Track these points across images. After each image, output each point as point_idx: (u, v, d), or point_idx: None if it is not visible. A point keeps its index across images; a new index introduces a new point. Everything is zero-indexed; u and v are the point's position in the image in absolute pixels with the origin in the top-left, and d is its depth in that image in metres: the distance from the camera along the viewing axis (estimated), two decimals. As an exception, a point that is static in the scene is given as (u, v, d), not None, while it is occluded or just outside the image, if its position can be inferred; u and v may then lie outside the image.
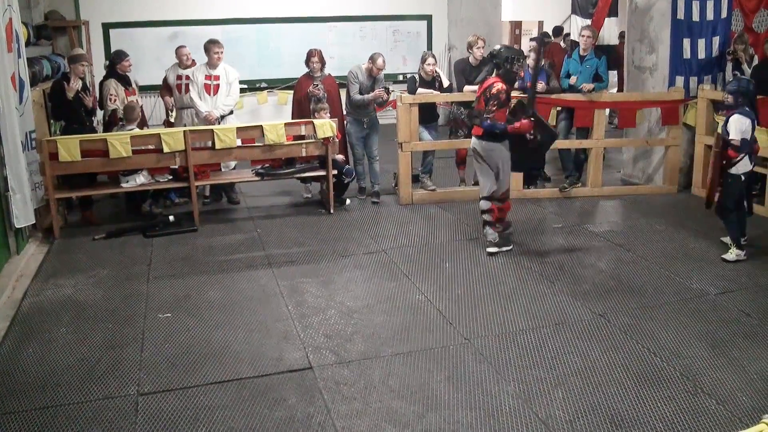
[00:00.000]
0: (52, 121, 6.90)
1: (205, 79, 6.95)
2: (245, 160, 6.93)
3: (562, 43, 11.20)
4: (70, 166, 6.07)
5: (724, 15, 7.44)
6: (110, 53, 9.24)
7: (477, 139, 5.67)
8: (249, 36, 11.32)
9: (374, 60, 7.03)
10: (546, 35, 12.48)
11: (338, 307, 4.65)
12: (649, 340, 4.12)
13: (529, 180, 7.53)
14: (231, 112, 7.18)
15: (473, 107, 5.95)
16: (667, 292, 4.85)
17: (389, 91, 7.10)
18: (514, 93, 6.97)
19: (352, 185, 7.29)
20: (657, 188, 7.58)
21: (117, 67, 7.21)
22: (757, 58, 7.29)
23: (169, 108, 7.85)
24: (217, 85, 6.98)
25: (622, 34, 9.89)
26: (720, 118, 6.89)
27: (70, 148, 5.96)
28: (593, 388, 3.60)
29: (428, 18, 12.17)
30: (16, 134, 5.48)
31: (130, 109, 6.65)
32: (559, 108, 7.30)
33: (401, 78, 11.15)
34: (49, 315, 4.59)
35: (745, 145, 5.22)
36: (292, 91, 7.95)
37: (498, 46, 5.89)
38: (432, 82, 7.19)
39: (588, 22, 9.36)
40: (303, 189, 7.56)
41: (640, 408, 3.41)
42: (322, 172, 6.79)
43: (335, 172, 6.81)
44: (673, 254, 5.58)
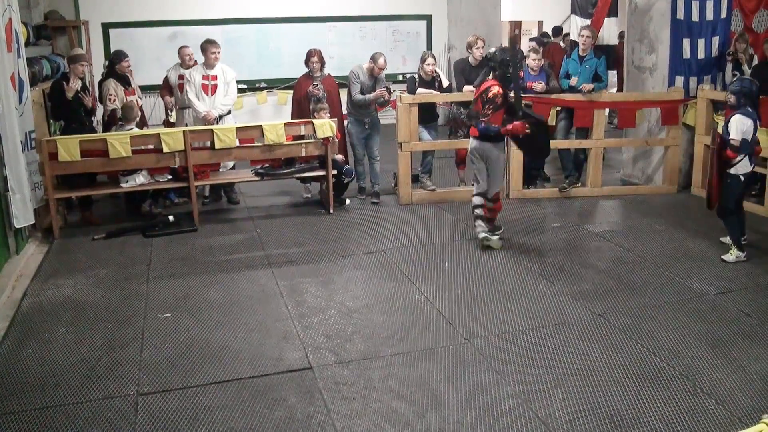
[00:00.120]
0: (52, 121, 6.90)
1: (203, 79, 6.95)
2: (245, 160, 6.93)
3: (562, 43, 11.20)
4: (69, 166, 6.07)
5: (724, 15, 7.45)
6: (110, 53, 9.25)
7: (473, 139, 5.83)
8: (249, 36, 11.33)
9: (375, 60, 7.03)
10: (545, 35, 12.50)
11: (338, 307, 4.65)
12: (648, 340, 4.12)
13: (528, 180, 7.54)
14: (229, 112, 7.19)
15: (471, 108, 6.03)
16: (666, 292, 4.85)
17: (391, 91, 7.10)
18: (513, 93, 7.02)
19: (351, 185, 7.29)
20: (656, 188, 7.58)
21: (116, 67, 7.22)
22: (756, 58, 7.30)
23: (169, 108, 7.85)
24: (215, 85, 6.99)
25: (622, 34, 9.88)
26: (719, 118, 6.89)
27: (69, 148, 5.96)
28: (593, 388, 3.60)
29: (428, 18, 12.18)
30: (16, 134, 5.48)
31: (128, 109, 6.65)
32: (558, 108, 7.30)
33: (401, 78, 11.16)
34: (48, 315, 4.59)
35: (745, 145, 5.19)
36: (292, 91, 7.94)
37: (493, 49, 5.92)
38: (431, 82, 7.19)
39: (587, 22, 9.36)
40: (303, 189, 7.56)
41: (639, 408, 3.41)
42: (321, 172, 6.79)
43: (335, 172, 6.80)
44: (672, 254, 5.58)
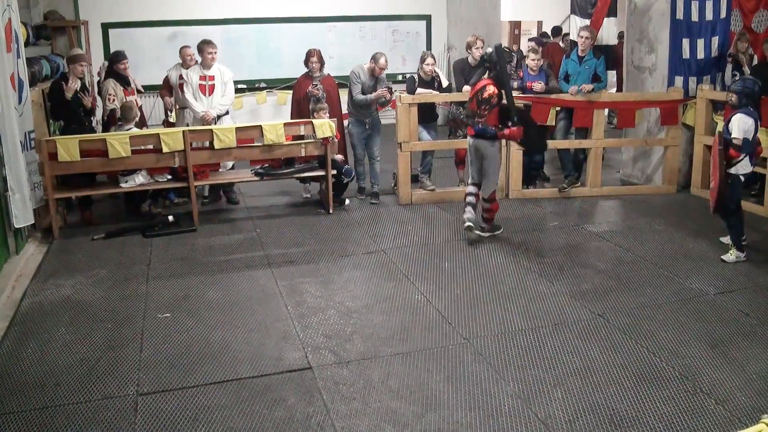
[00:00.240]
0: (51, 121, 6.90)
1: (200, 79, 6.97)
2: (244, 160, 6.93)
3: (561, 43, 11.21)
4: (69, 166, 6.07)
5: (723, 15, 7.45)
6: (109, 53, 9.25)
7: (469, 137, 5.98)
8: (248, 36, 11.33)
9: (376, 60, 7.03)
10: (545, 35, 12.51)
11: (337, 307, 4.65)
12: (648, 340, 4.12)
13: (528, 180, 7.55)
14: (227, 112, 7.20)
15: (467, 107, 6.10)
16: (666, 292, 4.85)
17: (392, 91, 7.09)
18: (513, 93, 7.01)
19: (351, 185, 7.29)
20: (656, 188, 7.58)
21: (115, 67, 7.22)
22: (756, 58, 7.30)
23: (168, 108, 7.85)
24: (212, 85, 7.00)
25: (621, 34, 9.89)
26: (719, 118, 6.89)
27: (69, 148, 5.96)
28: (592, 388, 3.60)
29: (427, 18, 12.18)
30: (15, 134, 5.48)
31: (127, 109, 6.65)
32: (558, 108, 7.30)
33: (400, 78, 11.16)
34: (48, 315, 4.59)
35: (746, 145, 5.17)
36: (292, 91, 7.95)
37: (489, 49, 5.94)
38: (431, 82, 7.19)
39: (587, 22, 9.36)
40: (302, 189, 7.56)
41: (639, 408, 3.41)
42: (321, 172, 6.79)
43: (334, 172, 6.80)
44: (672, 254, 5.58)
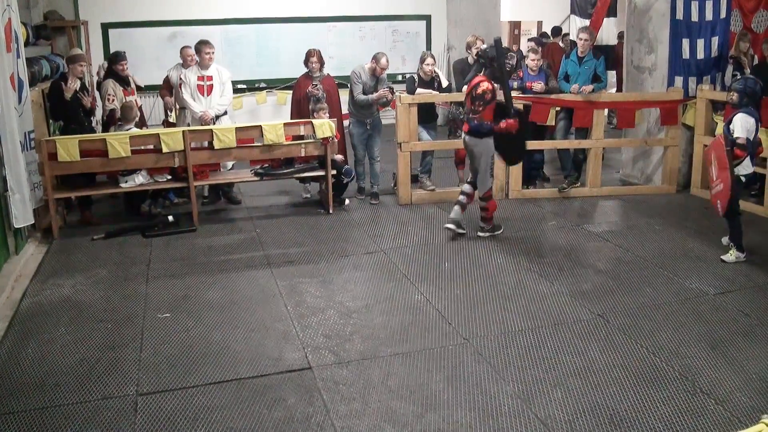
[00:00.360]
0: (51, 121, 6.90)
1: (198, 80, 6.97)
2: (244, 160, 6.93)
3: (561, 43, 11.22)
4: (69, 166, 6.07)
5: (723, 15, 7.45)
6: (109, 53, 9.26)
7: (464, 134, 6.01)
8: (248, 36, 11.33)
9: (378, 60, 7.03)
10: (544, 35, 12.51)
11: (337, 308, 4.65)
12: (648, 340, 4.12)
13: (528, 180, 7.55)
14: (225, 112, 7.20)
15: (464, 106, 6.13)
16: (665, 292, 4.85)
17: (393, 91, 7.10)
18: (513, 93, 7.02)
19: (351, 185, 7.30)
20: (656, 188, 7.59)
21: (114, 67, 7.22)
22: (756, 59, 7.30)
23: (168, 108, 7.85)
24: (210, 85, 7.01)
25: (621, 34, 9.90)
26: (718, 118, 6.89)
27: (69, 148, 5.96)
28: (592, 388, 3.60)
29: (427, 18, 12.18)
30: (15, 134, 5.48)
31: (127, 109, 6.65)
32: (558, 108, 7.30)
33: (400, 78, 11.16)
34: (48, 315, 4.59)
35: (748, 145, 5.15)
36: (291, 91, 7.95)
37: (484, 46, 5.96)
38: (431, 83, 7.19)
39: (587, 23, 9.37)
40: (302, 189, 7.56)
41: (639, 408, 3.41)
42: (321, 172, 6.79)
43: (334, 172, 6.81)
44: (672, 254, 5.58)
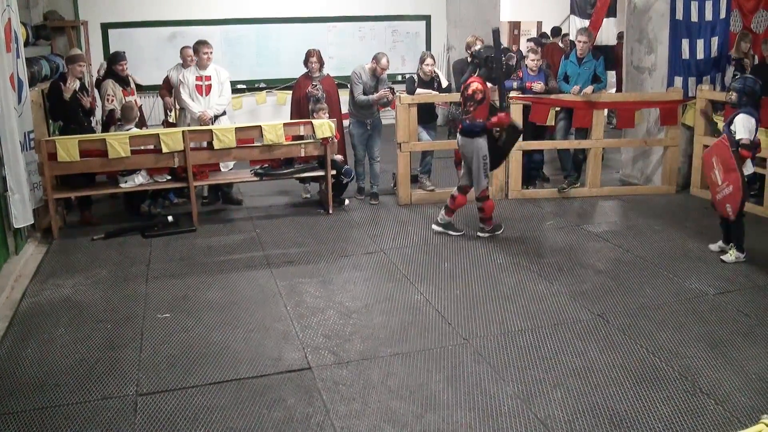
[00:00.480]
0: (51, 121, 6.90)
1: (196, 80, 6.98)
2: (244, 161, 6.93)
3: (561, 44, 11.22)
4: (68, 167, 6.07)
5: (723, 15, 7.45)
6: (109, 53, 9.25)
7: (458, 134, 6.04)
8: (248, 36, 11.33)
9: (378, 60, 7.03)
10: (544, 35, 12.51)
11: (337, 308, 4.65)
12: (647, 340, 4.12)
13: (528, 180, 7.55)
14: (224, 112, 7.20)
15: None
16: (665, 293, 4.85)
17: (394, 91, 7.10)
18: (512, 93, 7.03)
19: (351, 185, 7.29)
20: (655, 188, 7.59)
21: (114, 68, 7.22)
22: (756, 59, 7.29)
23: (168, 108, 7.85)
24: (209, 85, 7.01)
25: (621, 34, 9.89)
26: (718, 119, 6.89)
27: (68, 148, 5.96)
28: (592, 388, 3.61)
29: (427, 18, 12.19)
30: (15, 134, 5.48)
31: (128, 109, 6.65)
32: (558, 108, 7.30)
33: (400, 78, 11.17)
34: (47, 315, 4.59)
35: (751, 145, 5.14)
36: (291, 92, 7.94)
37: (478, 46, 5.97)
38: (431, 83, 7.19)
39: (586, 23, 9.37)
40: (302, 189, 7.56)
41: (638, 408, 3.41)
42: (320, 173, 6.79)
43: (334, 172, 6.81)
44: (671, 254, 5.58)
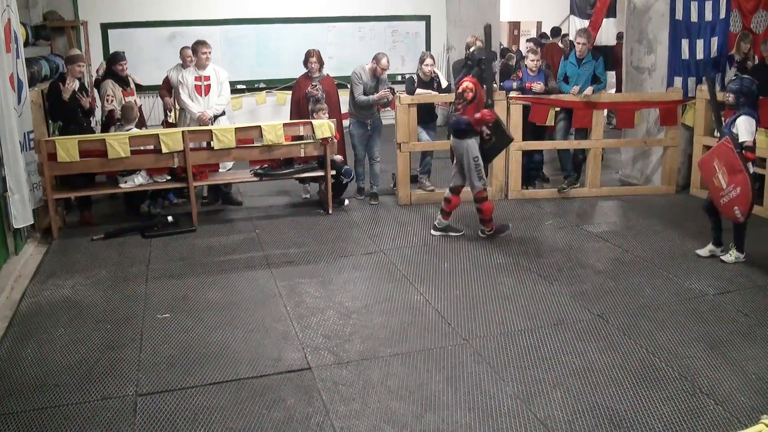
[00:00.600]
0: (50, 121, 6.90)
1: (195, 80, 6.98)
2: (244, 161, 6.92)
3: (560, 44, 11.22)
4: (68, 167, 6.06)
5: (723, 16, 7.45)
6: (109, 53, 9.26)
7: (451, 135, 6.02)
8: (248, 36, 11.33)
9: (378, 60, 7.03)
10: (543, 36, 12.52)
11: (337, 308, 4.65)
12: (647, 341, 4.12)
13: (527, 180, 7.55)
14: (223, 112, 7.20)
15: None
16: (665, 293, 4.85)
17: (394, 92, 7.10)
18: (512, 94, 7.04)
19: (351, 186, 7.29)
20: (655, 189, 7.59)
21: (113, 68, 7.22)
22: (757, 59, 7.30)
23: (168, 108, 7.85)
24: (208, 85, 7.02)
25: (620, 35, 9.90)
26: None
27: (68, 148, 5.96)
28: (592, 388, 3.61)
29: (427, 18, 12.19)
30: (15, 135, 5.48)
31: (128, 109, 6.64)
32: (557, 108, 7.30)
33: (400, 78, 11.17)
34: (47, 316, 4.59)
35: (754, 146, 5.12)
36: (291, 92, 7.94)
37: (472, 48, 5.98)
38: (430, 83, 7.19)
39: (586, 23, 9.37)
40: (302, 189, 7.56)
41: (638, 408, 3.41)
42: (320, 173, 6.79)
43: (334, 172, 6.81)
44: (671, 255, 5.58)
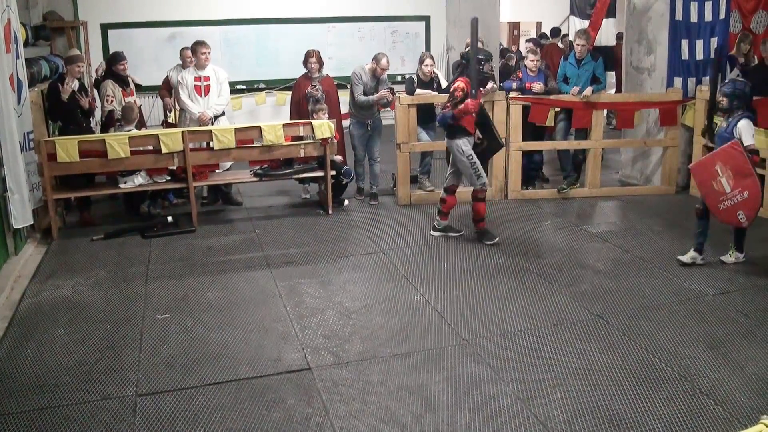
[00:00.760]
0: (50, 122, 6.90)
1: (195, 80, 6.98)
2: (243, 161, 6.92)
3: (560, 44, 11.22)
4: (68, 167, 6.06)
5: (722, 16, 7.45)
6: (108, 54, 9.26)
7: (445, 135, 6.02)
8: (248, 36, 11.34)
9: (378, 60, 7.03)
10: (543, 36, 12.52)
11: (336, 308, 4.65)
12: (647, 341, 4.12)
13: (527, 181, 7.55)
14: (222, 113, 7.20)
15: None
16: (665, 293, 4.85)
17: (394, 92, 7.10)
18: (512, 94, 7.04)
19: (350, 186, 7.29)
20: (655, 189, 7.59)
21: (113, 68, 7.21)
22: (756, 59, 7.29)
23: (168, 108, 7.85)
24: (208, 86, 7.02)
25: (620, 35, 9.89)
26: (718, 119, 6.87)
27: (68, 148, 5.96)
28: (592, 388, 3.61)
29: (426, 19, 12.20)
30: (15, 135, 5.47)
31: (128, 110, 6.64)
32: (557, 109, 7.31)
33: (399, 78, 11.17)
34: (47, 316, 4.59)
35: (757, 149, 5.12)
36: (291, 92, 7.94)
37: (467, 48, 5.97)
38: (430, 83, 7.19)
39: (586, 23, 9.37)
40: (301, 190, 7.56)
41: (638, 408, 3.41)
42: (320, 173, 6.79)
43: (333, 172, 6.81)
44: (671, 255, 5.58)
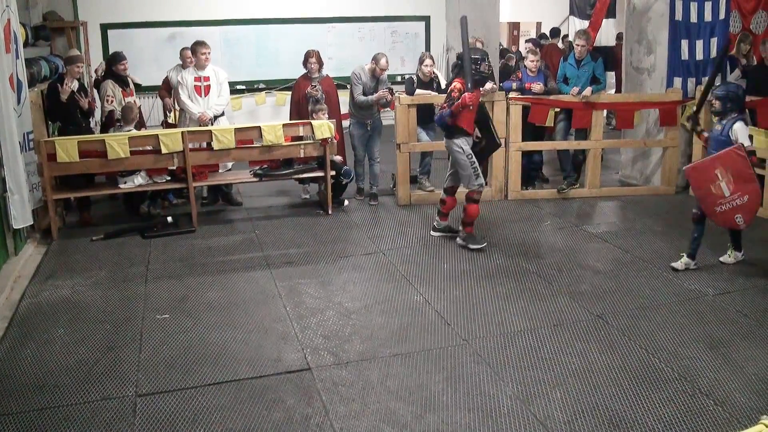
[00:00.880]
0: (50, 122, 6.90)
1: (195, 80, 6.98)
2: (243, 161, 6.92)
3: (560, 44, 11.23)
4: (68, 167, 6.06)
5: (722, 16, 7.45)
6: (108, 54, 9.26)
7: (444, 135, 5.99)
8: (248, 37, 11.34)
9: (377, 60, 7.03)
10: (543, 36, 12.52)
11: (336, 308, 4.65)
12: (647, 341, 4.12)
13: (527, 181, 7.55)
14: (222, 113, 7.20)
15: None
16: (665, 293, 4.85)
17: (393, 92, 7.10)
18: (512, 94, 7.04)
19: (350, 186, 7.29)
20: (655, 189, 7.59)
21: (114, 68, 7.21)
22: (755, 59, 7.30)
23: (168, 108, 7.85)
24: (208, 86, 7.02)
25: (620, 35, 9.90)
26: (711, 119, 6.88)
27: (68, 149, 5.96)
28: (591, 389, 3.61)
29: (426, 19, 12.20)
30: (14, 135, 5.47)
31: (128, 110, 6.65)
32: (557, 109, 7.31)
33: (399, 79, 11.17)
34: (47, 316, 4.59)
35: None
36: (290, 92, 7.95)
37: (478, 47, 5.96)
38: (430, 83, 7.19)
39: (586, 24, 9.37)
40: (301, 190, 7.56)
41: (638, 409, 3.42)
42: (320, 173, 6.79)
43: (333, 173, 6.81)
44: (670, 255, 5.57)
